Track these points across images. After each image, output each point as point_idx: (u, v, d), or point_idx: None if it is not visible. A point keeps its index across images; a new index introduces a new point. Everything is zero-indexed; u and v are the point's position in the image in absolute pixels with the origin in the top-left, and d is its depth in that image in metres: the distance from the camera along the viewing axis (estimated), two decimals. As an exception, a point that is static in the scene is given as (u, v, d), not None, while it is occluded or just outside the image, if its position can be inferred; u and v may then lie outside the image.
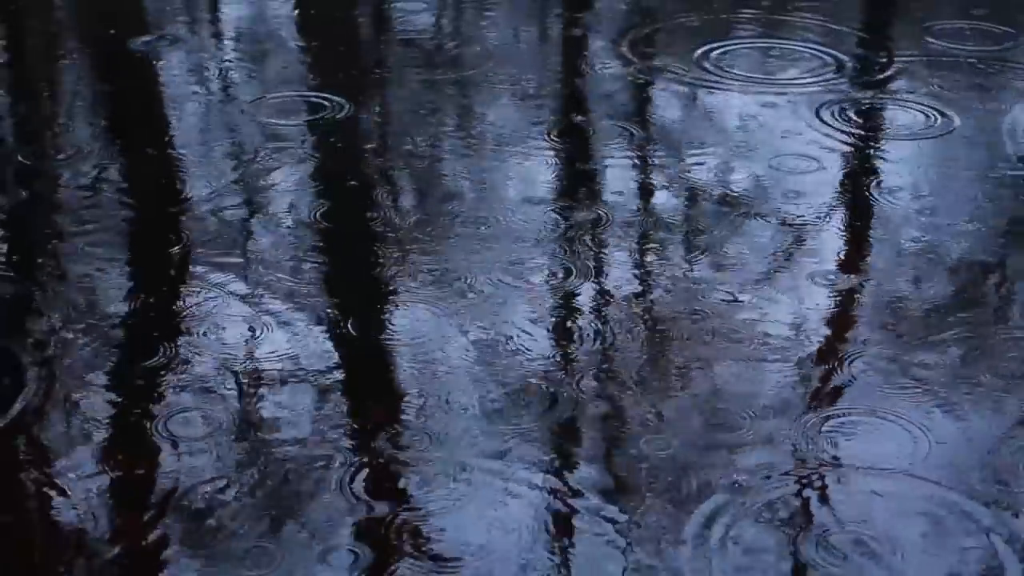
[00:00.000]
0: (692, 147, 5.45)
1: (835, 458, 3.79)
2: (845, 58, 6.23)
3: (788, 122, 5.64)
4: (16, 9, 6.89)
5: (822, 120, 5.65)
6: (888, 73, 6.12)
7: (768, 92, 5.91)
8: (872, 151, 5.47)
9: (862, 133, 5.61)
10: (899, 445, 3.83)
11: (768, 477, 3.70)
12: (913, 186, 5.15)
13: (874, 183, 5.19)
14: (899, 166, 5.31)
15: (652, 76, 6.10)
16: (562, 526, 3.57)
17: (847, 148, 5.46)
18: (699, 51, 6.27)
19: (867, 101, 5.87)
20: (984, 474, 3.73)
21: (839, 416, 3.96)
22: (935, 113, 5.70)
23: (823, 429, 3.90)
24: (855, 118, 5.74)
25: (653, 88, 5.99)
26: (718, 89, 5.93)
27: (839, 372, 4.13)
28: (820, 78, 6.04)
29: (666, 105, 5.83)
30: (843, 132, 5.59)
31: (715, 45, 6.33)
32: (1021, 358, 4.20)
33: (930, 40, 6.37)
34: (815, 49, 6.32)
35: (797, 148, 5.43)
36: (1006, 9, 6.64)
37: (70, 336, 4.29)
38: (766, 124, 5.61)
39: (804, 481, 3.70)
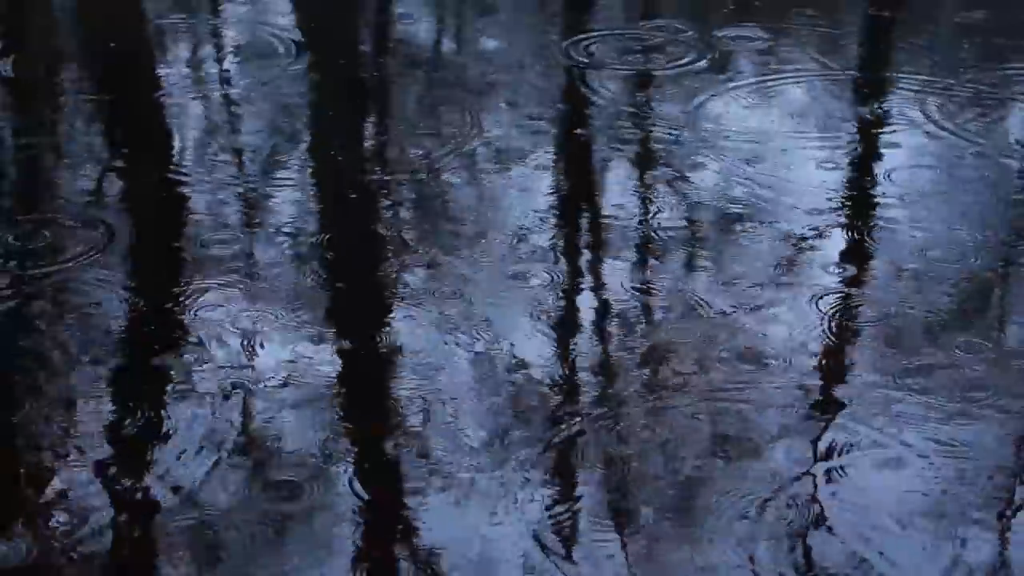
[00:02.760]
0: (693, 159, 5.45)
1: (834, 472, 3.80)
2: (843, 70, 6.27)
3: (789, 135, 5.65)
4: (18, 23, 6.91)
5: (823, 131, 5.68)
6: (887, 86, 6.15)
7: (770, 105, 5.93)
8: (872, 163, 5.49)
9: (862, 145, 5.63)
10: (897, 461, 3.83)
11: (769, 491, 3.71)
12: (914, 199, 5.16)
13: (875, 195, 5.21)
14: (899, 180, 5.32)
15: (651, 87, 6.11)
16: (562, 538, 3.57)
17: (847, 160, 5.48)
18: (699, 63, 6.30)
19: (868, 114, 5.90)
20: (983, 489, 3.74)
21: (839, 428, 3.97)
22: (930, 125, 5.73)
23: (822, 442, 3.91)
24: (854, 130, 5.77)
25: (653, 99, 6.00)
26: (719, 100, 5.94)
27: (839, 385, 4.14)
28: (821, 90, 6.07)
29: (667, 116, 5.83)
30: (843, 143, 5.61)
31: (714, 53, 6.36)
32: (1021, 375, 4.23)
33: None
34: (821, 60, 6.35)
35: (798, 160, 5.44)
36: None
37: (70, 345, 4.30)
38: (767, 137, 5.62)
39: (805, 493, 3.72)
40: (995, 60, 6.37)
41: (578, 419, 4.00)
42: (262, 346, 4.30)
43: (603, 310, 4.51)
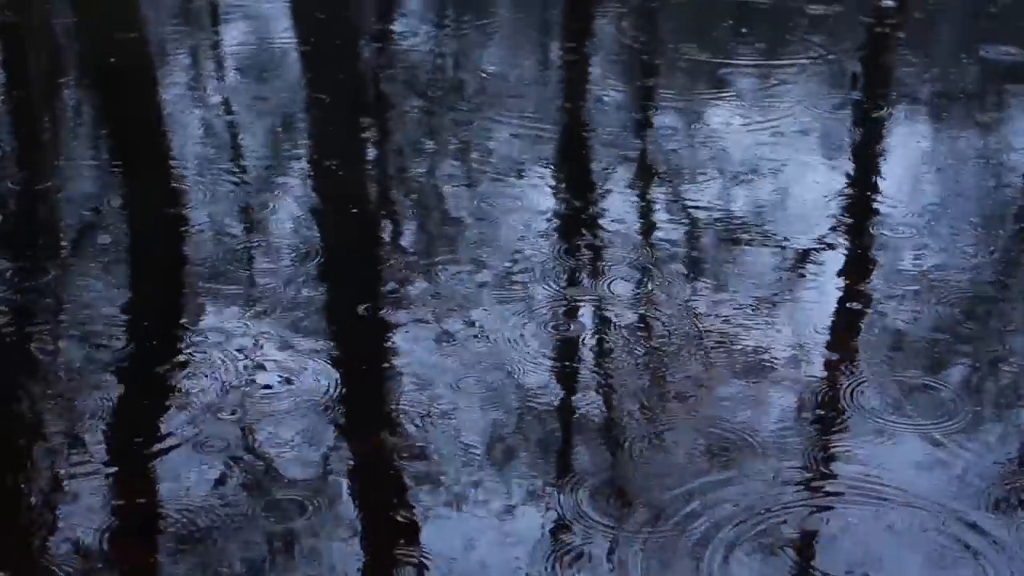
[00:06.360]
0: (692, 173, 5.46)
1: (833, 483, 3.79)
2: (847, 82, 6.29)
3: (788, 148, 5.65)
4: (16, 35, 6.92)
5: (821, 143, 5.69)
6: (888, 99, 6.16)
7: (768, 116, 5.94)
8: (872, 174, 5.50)
9: (860, 156, 5.64)
10: (897, 471, 3.83)
11: (768, 502, 3.71)
12: (914, 210, 5.16)
13: (874, 208, 5.22)
14: (899, 190, 5.33)
15: (652, 102, 6.12)
16: (563, 551, 3.57)
17: (846, 171, 5.48)
18: (700, 72, 6.32)
19: (867, 127, 5.91)
20: (982, 501, 3.73)
21: (838, 440, 3.97)
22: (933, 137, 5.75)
23: (822, 454, 3.91)
24: (854, 141, 5.79)
25: (653, 114, 6.01)
26: (719, 114, 5.96)
27: (839, 397, 4.13)
28: (819, 101, 6.08)
29: (666, 131, 5.84)
30: (842, 154, 5.62)
31: (716, 67, 6.38)
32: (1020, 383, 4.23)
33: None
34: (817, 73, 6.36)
35: (797, 172, 5.45)
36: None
37: (72, 359, 4.30)
38: (766, 150, 5.62)
39: (803, 505, 3.71)
40: (998, 64, 6.39)
41: (578, 432, 4.00)
42: (262, 359, 4.30)
43: (603, 324, 4.50)
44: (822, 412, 4.08)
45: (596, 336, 4.45)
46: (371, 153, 5.81)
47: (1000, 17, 7.02)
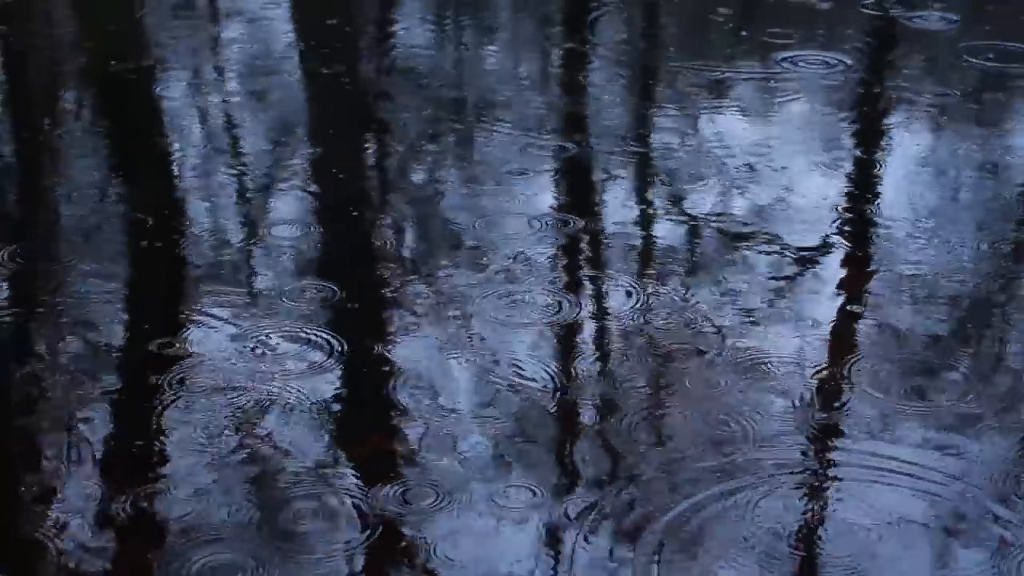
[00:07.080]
0: (692, 174, 5.46)
1: (833, 483, 3.80)
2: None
3: (788, 150, 5.65)
4: (15, 39, 6.93)
5: (822, 146, 5.69)
6: (885, 101, 6.16)
7: (768, 119, 5.94)
8: (872, 178, 5.50)
9: (861, 160, 5.64)
10: (896, 473, 3.83)
11: (768, 501, 3.71)
12: (914, 213, 5.16)
13: (874, 211, 5.21)
14: (899, 193, 5.33)
15: (653, 102, 6.12)
16: (561, 553, 3.57)
17: (847, 174, 5.48)
18: (699, 77, 6.31)
19: (866, 127, 5.91)
20: (981, 503, 3.73)
21: (838, 441, 3.97)
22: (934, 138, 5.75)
23: (821, 456, 3.91)
24: (854, 144, 5.78)
25: (653, 114, 6.01)
26: (719, 115, 5.95)
27: (838, 400, 4.13)
28: (820, 104, 6.08)
29: (666, 133, 5.83)
30: (842, 158, 5.62)
31: (715, 70, 6.37)
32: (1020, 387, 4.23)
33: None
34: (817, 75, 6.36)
35: (797, 174, 5.44)
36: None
37: (72, 363, 4.30)
38: (766, 152, 5.62)
39: (801, 511, 3.71)
40: (1000, 69, 6.39)
41: (578, 435, 4.00)
42: (261, 360, 4.30)
43: (602, 326, 4.50)
44: (822, 413, 4.07)
45: (596, 338, 4.45)
46: (371, 154, 5.81)
47: (1006, 17, 7.02)
